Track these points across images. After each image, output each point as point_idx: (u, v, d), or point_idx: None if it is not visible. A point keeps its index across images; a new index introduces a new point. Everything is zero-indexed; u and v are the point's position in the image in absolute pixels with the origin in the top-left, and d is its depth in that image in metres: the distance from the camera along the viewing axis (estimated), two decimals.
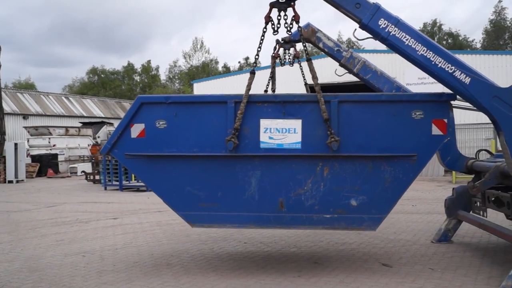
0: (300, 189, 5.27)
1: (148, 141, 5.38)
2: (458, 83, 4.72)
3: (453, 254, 6.22)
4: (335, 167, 5.23)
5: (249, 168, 5.31)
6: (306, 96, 5.35)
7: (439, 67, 4.75)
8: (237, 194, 5.35)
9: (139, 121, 5.38)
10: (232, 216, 5.41)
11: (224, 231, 8.27)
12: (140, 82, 74.27)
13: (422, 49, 4.80)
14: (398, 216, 9.36)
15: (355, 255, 6.30)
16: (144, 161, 5.43)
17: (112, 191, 17.33)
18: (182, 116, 5.35)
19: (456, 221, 6.88)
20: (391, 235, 7.50)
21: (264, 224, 5.44)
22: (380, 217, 5.28)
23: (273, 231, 8.13)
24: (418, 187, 15.10)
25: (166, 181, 5.44)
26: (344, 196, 5.25)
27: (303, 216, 5.31)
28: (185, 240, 7.65)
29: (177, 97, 5.51)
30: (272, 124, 5.23)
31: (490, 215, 6.39)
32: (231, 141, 5.16)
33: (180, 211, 5.53)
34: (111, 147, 5.44)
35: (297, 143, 5.21)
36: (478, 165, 6.28)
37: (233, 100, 5.24)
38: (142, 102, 5.38)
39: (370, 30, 4.94)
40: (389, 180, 5.18)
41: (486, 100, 4.71)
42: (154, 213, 10.97)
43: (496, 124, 4.76)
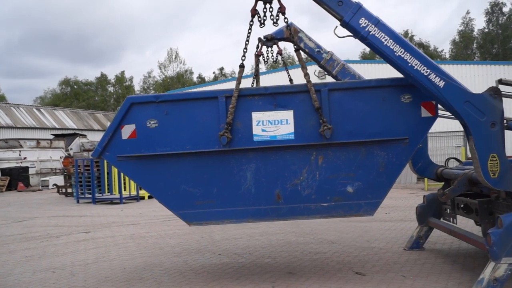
0: (296, 179, 5.28)
1: (140, 141, 5.30)
2: (433, 86, 4.81)
3: (425, 261, 6.29)
4: (329, 155, 5.25)
5: (243, 162, 5.29)
6: (296, 87, 5.35)
7: (415, 69, 4.84)
8: (233, 189, 5.31)
9: (130, 122, 5.30)
10: (229, 212, 5.36)
11: (198, 243, 8.22)
12: (114, 93, 73.55)
13: (400, 51, 4.87)
14: (372, 224, 9.45)
15: (329, 264, 6.33)
16: (137, 162, 5.35)
17: (84, 204, 17.05)
18: (173, 114, 5.30)
19: (427, 228, 6.98)
20: (364, 243, 7.56)
21: (262, 217, 5.41)
22: (377, 201, 5.32)
23: (247, 242, 8.11)
24: (391, 195, 15.28)
25: (160, 181, 5.36)
26: (340, 183, 5.26)
27: (301, 206, 5.31)
28: (158, 253, 7.56)
29: (167, 96, 5.46)
30: (264, 116, 5.23)
31: (459, 221, 6.50)
32: (224, 135, 5.13)
33: (176, 210, 5.44)
34: (102, 150, 5.34)
35: (290, 134, 5.22)
36: (447, 172, 6.40)
37: (223, 95, 5.23)
38: (132, 103, 5.31)
39: (350, 28, 5.00)
40: (383, 164, 5.23)
41: (458, 104, 4.81)
42: (128, 226, 10.82)
43: (467, 128, 4.87)
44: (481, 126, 4.79)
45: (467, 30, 51.84)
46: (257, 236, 8.68)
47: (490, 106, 4.82)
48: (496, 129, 4.79)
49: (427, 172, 6.75)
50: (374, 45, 4.93)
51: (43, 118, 43.04)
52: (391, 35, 4.90)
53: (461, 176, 5.65)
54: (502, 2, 46.21)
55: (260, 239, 8.32)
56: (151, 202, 16.30)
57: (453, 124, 17.63)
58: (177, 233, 9.41)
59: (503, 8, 46.26)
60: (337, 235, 8.43)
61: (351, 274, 5.80)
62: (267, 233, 8.91)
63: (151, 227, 10.46)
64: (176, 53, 70.80)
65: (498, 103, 4.84)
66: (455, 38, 53.68)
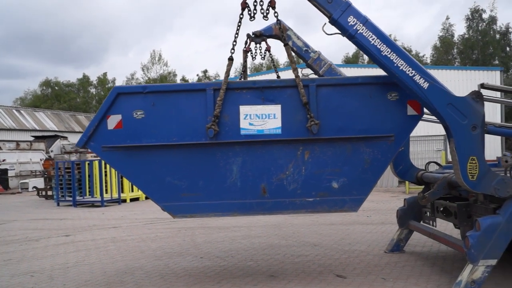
0: (282, 174, 5.28)
1: (126, 132, 5.25)
2: (417, 87, 4.87)
3: (405, 263, 6.36)
4: (315, 150, 5.27)
5: (230, 155, 5.27)
6: (285, 81, 5.36)
7: (400, 69, 4.90)
8: (219, 182, 5.29)
9: (116, 112, 5.25)
10: (214, 205, 5.34)
11: (180, 246, 8.18)
12: (96, 95, 72.87)
13: (387, 50, 4.92)
14: (353, 227, 9.52)
15: (311, 267, 6.35)
16: (122, 153, 5.29)
17: (65, 207, 16.86)
18: (160, 105, 5.26)
19: (407, 231, 7.06)
20: (346, 246, 7.61)
21: (247, 211, 5.40)
22: (361, 198, 5.35)
23: (229, 245, 8.11)
24: (373, 198, 15.41)
25: (145, 172, 5.32)
26: (326, 179, 5.28)
27: (286, 201, 5.32)
28: (139, 256, 7.50)
29: (155, 86, 5.42)
30: (252, 110, 5.23)
31: (439, 224, 6.58)
32: (211, 128, 5.11)
33: (161, 202, 5.41)
34: (87, 139, 5.27)
35: (277, 128, 5.22)
36: (427, 176, 6.49)
37: (212, 87, 5.22)
38: (119, 93, 5.26)
39: (339, 26, 5.04)
40: (368, 161, 5.26)
41: (441, 107, 4.88)
42: (109, 229, 10.72)
43: (448, 130, 4.94)
44: (463, 129, 4.87)
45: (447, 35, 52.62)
46: (239, 239, 8.68)
47: (472, 109, 4.90)
48: (476, 133, 4.88)
49: (408, 175, 6.83)
50: (361, 44, 4.98)
51: (23, 119, 42.43)
52: (379, 34, 4.96)
53: (441, 180, 5.73)
54: (482, 9, 47.09)
55: (243, 242, 8.32)
56: (133, 205, 16.20)
57: (433, 128, 17.87)
58: (159, 236, 9.36)
59: (482, 14, 47.10)
60: (319, 238, 8.48)
61: (332, 277, 5.83)
62: (250, 236, 8.91)
63: (133, 230, 10.38)
64: (159, 55, 70.37)
65: (480, 107, 4.93)
66: (436, 44, 54.50)
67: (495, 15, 47.02)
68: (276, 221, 10.80)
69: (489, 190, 4.86)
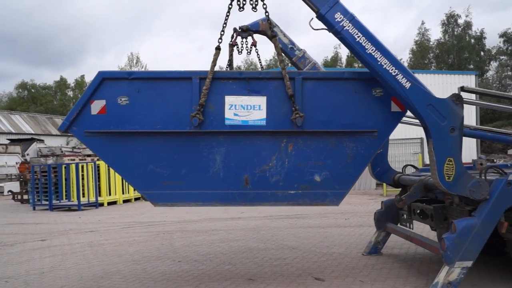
0: (264, 165, 5.27)
1: (109, 118, 5.18)
2: (399, 86, 4.93)
3: (382, 265, 6.41)
4: (299, 143, 5.28)
5: (213, 145, 5.25)
6: (271, 73, 5.38)
7: (384, 68, 4.94)
8: (202, 172, 5.26)
9: (100, 97, 5.18)
10: (196, 194, 5.30)
11: (158, 250, 8.11)
12: (73, 98, 71.87)
13: (371, 48, 4.96)
14: (332, 230, 9.57)
15: (289, 270, 6.36)
16: (105, 138, 5.22)
17: (41, 211, 16.56)
18: (145, 92, 5.21)
19: (385, 234, 7.12)
20: (324, 249, 7.64)
21: (229, 202, 5.38)
22: (343, 192, 5.37)
23: (208, 248, 8.06)
24: (351, 201, 15.53)
25: (127, 159, 5.26)
26: (308, 172, 5.29)
27: (268, 192, 5.30)
28: (117, 260, 7.41)
29: (140, 73, 5.38)
30: (237, 100, 5.21)
31: (416, 227, 6.66)
32: (196, 117, 5.07)
33: (142, 190, 5.36)
34: (70, 124, 5.18)
35: (261, 120, 5.21)
36: (404, 179, 6.56)
37: (198, 76, 5.18)
38: (104, 78, 5.18)
39: (326, 22, 5.07)
40: (351, 155, 5.29)
41: (422, 107, 4.94)
42: (86, 233, 10.56)
43: (427, 131, 5.01)
44: (441, 130, 4.94)
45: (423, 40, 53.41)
46: (217, 242, 8.64)
47: (451, 111, 4.98)
48: (455, 134, 4.96)
49: (385, 177, 6.90)
50: (346, 41, 5.02)
51: None
52: (364, 32, 5.00)
53: (417, 183, 5.80)
54: (457, 14, 47.92)
55: (221, 246, 8.28)
56: (111, 209, 16.00)
57: (411, 131, 18.11)
58: (137, 240, 9.25)
59: (458, 19, 47.95)
60: (297, 240, 8.49)
61: (310, 279, 5.84)
62: (228, 240, 8.88)
63: (110, 234, 10.25)
64: (137, 57, 69.75)
65: (459, 110, 5.02)
66: (413, 48, 55.27)
67: (470, 20, 47.98)
68: (254, 224, 10.79)
69: (464, 192, 4.93)
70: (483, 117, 33.30)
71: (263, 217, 12.09)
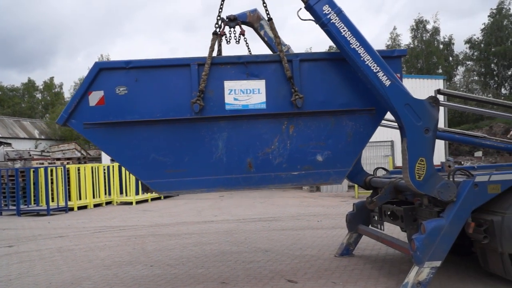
0: (267, 148, 5.29)
1: (108, 108, 5.11)
2: (379, 83, 5.02)
3: (354, 267, 6.48)
4: (299, 124, 5.32)
5: (215, 131, 5.24)
6: (269, 56, 5.42)
7: (366, 64, 5.02)
8: (205, 158, 5.24)
9: (98, 89, 5.09)
10: (200, 181, 5.26)
11: (129, 254, 8.01)
12: (42, 100, 70.36)
13: (356, 44, 5.04)
14: (304, 232, 9.63)
15: (262, 272, 6.36)
16: (105, 130, 5.13)
17: (8, 216, 16.16)
18: (144, 81, 5.17)
19: (357, 235, 7.20)
20: (297, 251, 7.68)
21: (233, 186, 5.37)
22: (344, 170, 5.43)
23: (180, 252, 8.01)
24: (323, 203, 15.68)
25: (129, 149, 5.18)
26: (310, 152, 5.33)
27: (272, 175, 5.32)
28: (87, 266, 7.28)
29: (138, 62, 5.26)
30: (236, 85, 5.22)
31: (387, 228, 6.76)
32: (196, 103, 5.06)
33: (145, 179, 5.26)
34: (68, 117, 5.07)
35: (262, 103, 5.24)
36: (375, 181, 6.65)
37: (196, 62, 5.17)
38: (101, 68, 5.11)
39: (313, 13, 5.13)
40: (351, 134, 5.36)
41: (399, 106, 5.04)
42: (55, 239, 10.35)
43: (402, 129, 5.10)
44: (416, 130, 5.05)
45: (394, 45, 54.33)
46: (190, 246, 8.59)
47: (427, 113, 5.09)
48: (429, 135, 5.07)
49: (357, 178, 6.99)
50: (332, 34, 5.09)
51: None
52: (350, 27, 5.09)
53: (388, 184, 5.89)
54: (426, 20, 48.82)
55: (194, 249, 8.23)
56: (81, 213, 15.72)
57: (382, 134, 18.41)
58: (108, 245, 9.12)
59: (426, 25, 48.93)
60: (270, 243, 8.51)
61: (283, 282, 5.86)
62: (201, 243, 8.83)
63: (80, 239, 10.07)
64: (107, 59, 68.79)
65: (435, 112, 5.14)
66: None
67: (438, 26, 48.96)
68: (227, 228, 10.77)
69: (432, 192, 5.03)
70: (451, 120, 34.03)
71: (236, 220, 12.08)
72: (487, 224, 4.97)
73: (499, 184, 5.05)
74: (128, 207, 17.26)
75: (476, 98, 9.65)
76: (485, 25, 43.87)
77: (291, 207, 14.98)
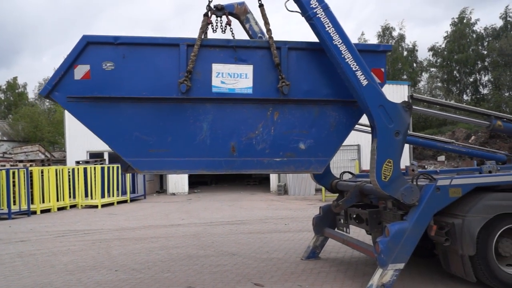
0: (251, 133, 5.30)
1: (94, 83, 5.01)
2: (357, 82, 5.11)
3: (320, 270, 6.54)
4: (284, 111, 5.36)
5: (200, 112, 5.22)
6: (258, 42, 5.46)
7: (346, 61, 5.11)
8: (188, 139, 5.21)
9: (84, 62, 5.00)
10: (182, 162, 5.23)
11: (94, 259, 7.86)
12: (4, 100, 68.37)
13: (338, 40, 5.13)
14: (272, 235, 9.66)
15: (229, 276, 6.35)
16: (89, 104, 5.03)
17: None
18: (132, 58, 5.10)
19: (323, 238, 7.27)
20: (264, 255, 7.70)
21: (215, 169, 5.35)
22: (325, 159, 5.49)
23: (146, 256, 7.91)
24: (291, 206, 15.77)
25: (112, 126, 5.09)
26: (293, 139, 5.38)
27: (254, 160, 5.33)
28: (49, 271, 7.10)
29: (127, 38, 5.16)
30: (224, 69, 5.23)
31: (352, 231, 6.85)
32: (184, 83, 5.02)
33: (127, 157, 5.17)
34: (52, 88, 4.96)
35: (248, 88, 5.26)
36: (341, 184, 6.74)
37: (185, 43, 5.15)
38: (88, 42, 5.00)
39: (300, 5, 5.21)
40: (333, 124, 5.43)
41: (373, 106, 5.15)
42: (16, 243, 10.05)
43: (374, 130, 5.21)
44: (387, 132, 5.18)
45: None
46: (156, 250, 8.49)
47: (400, 116, 5.23)
48: (399, 139, 5.20)
49: (324, 180, 7.06)
50: (316, 28, 5.16)
51: None
52: (335, 24, 5.18)
53: (354, 188, 5.98)
54: (392, 27, 49.85)
55: (160, 253, 8.15)
56: (44, 217, 15.32)
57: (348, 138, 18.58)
58: (72, 250, 8.92)
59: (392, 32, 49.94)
60: (237, 247, 8.50)
61: (250, 285, 5.86)
62: (167, 247, 8.75)
63: (43, 244, 9.81)
64: None
65: (407, 116, 5.29)
66: None
67: (404, 33, 50.05)
68: (195, 231, 10.71)
69: (396, 194, 5.14)
70: (415, 125, 34.82)
71: (203, 224, 12.02)
72: (449, 227, 5.10)
73: (459, 188, 5.20)
74: (93, 210, 16.93)
75: (448, 104, 9.92)
76: (447, 33, 45.09)
77: (259, 210, 15.01)
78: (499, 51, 38.59)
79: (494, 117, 7.30)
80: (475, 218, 5.04)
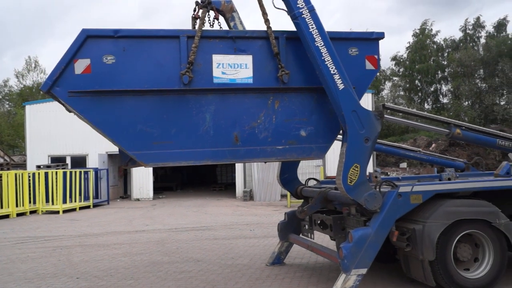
0: (253, 122, 5.37)
1: (95, 77, 4.92)
2: (333, 85, 5.23)
3: (285, 275, 6.58)
4: (285, 100, 5.46)
5: (203, 103, 5.23)
6: (257, 32, 5.49)
7: (325, 63, 5.22)
8: (192, 130, 5.21)
9: (84, 56, 4.90)
10: (187, 153, 5.21)
11: (54, 266, 7.67)
12: None
13: (320, 43, 5.24)
14: (237, 241, 9.65)
15: (193, 283, 6.31)
16: (90, 98, 4.93)
17: None
18: (132, 51, 5.06)
19: (288, 244, 7.32)
20: (229, 261, 7.68)
21: (220, 159, 5.38)
22: (326, 146, 5.61)
23: (109, 263, 7.78)
24: (256, 212, 15.80)
25: (115, 119, 5.01)
26: (295, 127, 5.47)
27: (257, 148, 5.39)
28: (7, 279, 6.89)
29: (127, 31, 5.07)
30: (224, 59, 5.27)
31: (317, 237, 6.92)
32: (186, 74, 5.02)
33: (131, 150, 5.09)
34: (52, 84, 4.82)
35: (248, 78, 5.33)
36: (306, 190, 6.82)
37: (185, 34, 5.16)
38: (88, 35, 4.89)
39: (287, 3, 5.32)
40: (332, 111, 5.51)
41: (347, 110, 5.26)
42: None
43: (345, 134, 5.32)
44: (357, 137, 5.29)
45: None
46: (119, 256, 8.36)
47: (371, 123, 5.36)
48: (368, 145, 5.33)
49: (290, 185, 7.13)
50: (300, 27, 5.27)
51: None
52: (318, 26, 5.29)
53: (318, 194, 6.06)
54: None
55: (123, 260, 8.02)
56: (2, 223, 14.81)
57: None
58: (31, 257, 8.67)
59: None
60: (202, 253, 8.46)
61: None
62: (131, 254, 8.62)
63: (0, 251, 9.50)
64: (35, 61, 65.63)
65: (378, 124, 5.42)
66: None
67: None
68: (159, 237, 10.59)
69: (360, 199, 5.23)
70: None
71: (168, 230, 11.90)
72: (410, 233, 5.23)
73: (420, 195, 5.34)
74: (54, 216, 16.51)
75: (417, 113, 10.14)
76: (409, 43, 46.21)
77: (224, 216, 14.98)
78: (459, 62, 39.83)
79: (454, 125, 7.55)
80: (435, 224, 5.19)
